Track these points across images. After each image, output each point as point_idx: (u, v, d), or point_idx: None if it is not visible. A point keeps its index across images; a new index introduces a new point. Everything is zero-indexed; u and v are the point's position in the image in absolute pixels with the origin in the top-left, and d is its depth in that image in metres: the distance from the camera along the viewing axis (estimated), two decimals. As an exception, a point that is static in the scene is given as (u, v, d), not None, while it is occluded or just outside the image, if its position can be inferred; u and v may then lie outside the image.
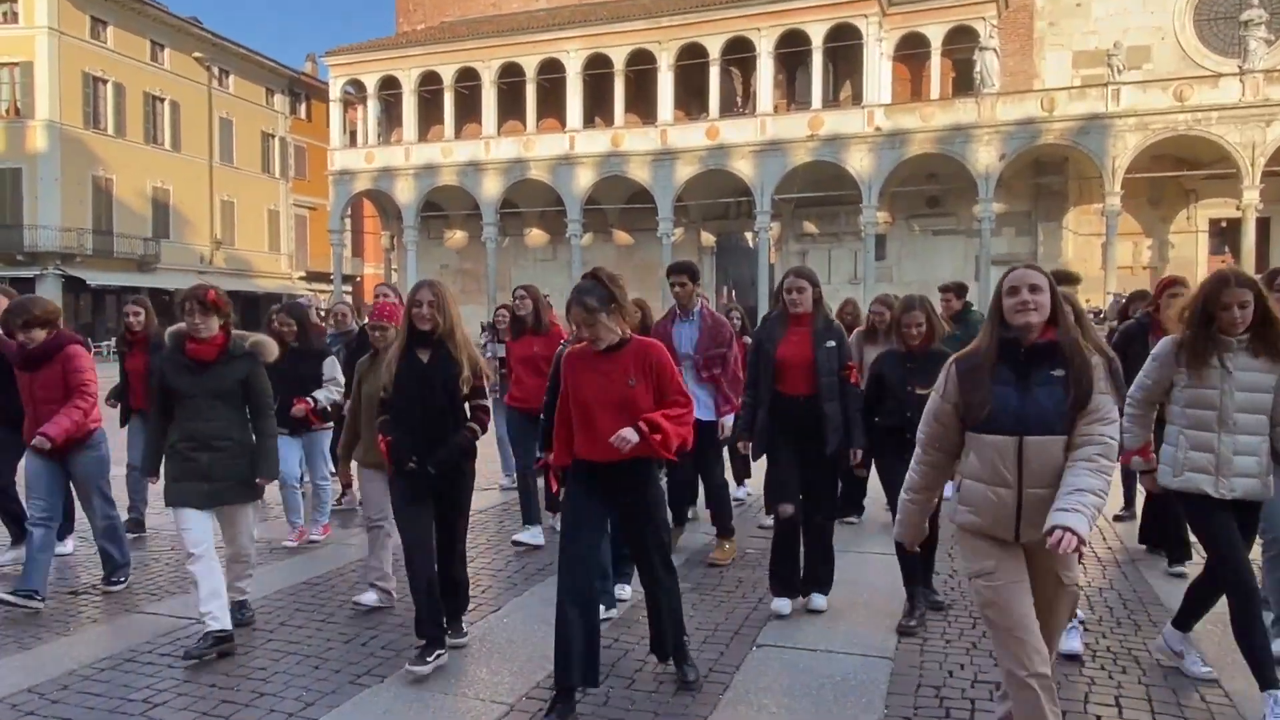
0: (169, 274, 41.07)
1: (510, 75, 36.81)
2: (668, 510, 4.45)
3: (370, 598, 5.14)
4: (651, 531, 3.95)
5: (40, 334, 5.20)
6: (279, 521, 7.16)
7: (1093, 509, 2.83)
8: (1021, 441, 2.97)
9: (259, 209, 47.37)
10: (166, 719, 3.74)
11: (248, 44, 47.07)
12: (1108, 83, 29.96)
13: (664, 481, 4.49)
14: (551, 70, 36.26)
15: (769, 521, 5.87)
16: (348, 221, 44.16)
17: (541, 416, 4.81)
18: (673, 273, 6.12)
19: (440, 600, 4.35)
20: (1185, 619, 4.10)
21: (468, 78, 37.44)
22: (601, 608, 4.46)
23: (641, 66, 35.19)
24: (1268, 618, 3.98)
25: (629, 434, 3.63)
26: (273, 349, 4.82)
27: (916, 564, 4.76)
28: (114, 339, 7.04)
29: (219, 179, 44.52)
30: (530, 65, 36.24)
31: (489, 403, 4.57)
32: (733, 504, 6.91)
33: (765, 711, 3.77)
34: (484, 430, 4.46)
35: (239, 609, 4.85)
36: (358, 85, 39.44)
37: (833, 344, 4.85)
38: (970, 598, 4.68)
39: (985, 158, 30.92)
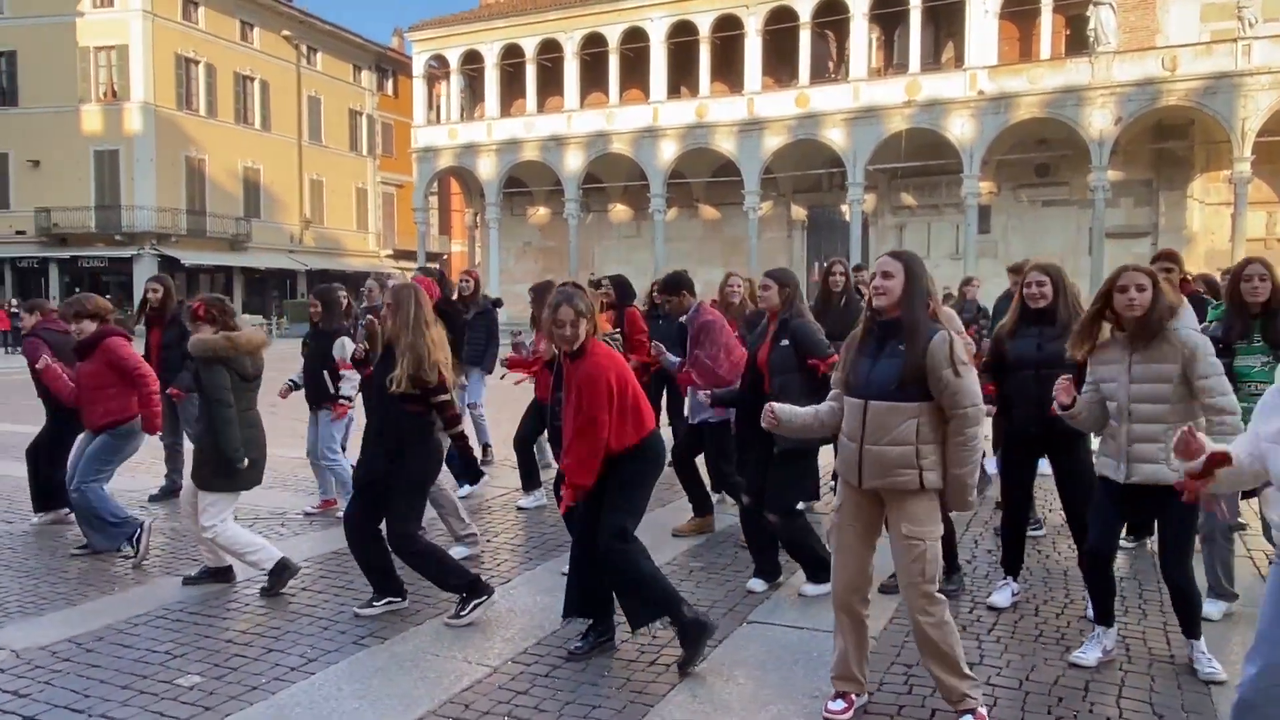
0: (260, 253, 41.72)
1: (593, 46, 35.80)
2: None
3: (461, 550, 5.67)
4: (611, 502, 4.11)
5: (90, 326, 5.88)
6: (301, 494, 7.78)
7: (979, 442, 3.46)
8: (866, 404, 3.43)
9: (347, 187, 47.70)
10: (183, 669, 4.07)
11: (335, 20, 47.18)
12: (1238, 38, 27.33)
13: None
14: (635, 40, 35.10)
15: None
16: (434, 199, 43.96)
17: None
18: (664, 289, 6.57)
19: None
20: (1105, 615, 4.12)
21: (550, 50, 36.55)
22: None
23: (728, 33, 33.71)
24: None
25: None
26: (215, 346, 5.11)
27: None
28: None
29: (308, 158, 44.90)
30: (613, 35, 35.14)
31: (447, 398, 4.68)
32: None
33: (734, 682, 3.93)
34: (454, 425, 4.72)
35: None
36: (441, 60, 38.97)
37: (786, 343, 4.90)
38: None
39: (1099, 122, 28.62)
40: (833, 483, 6.92)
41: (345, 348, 6.61)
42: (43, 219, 37.12)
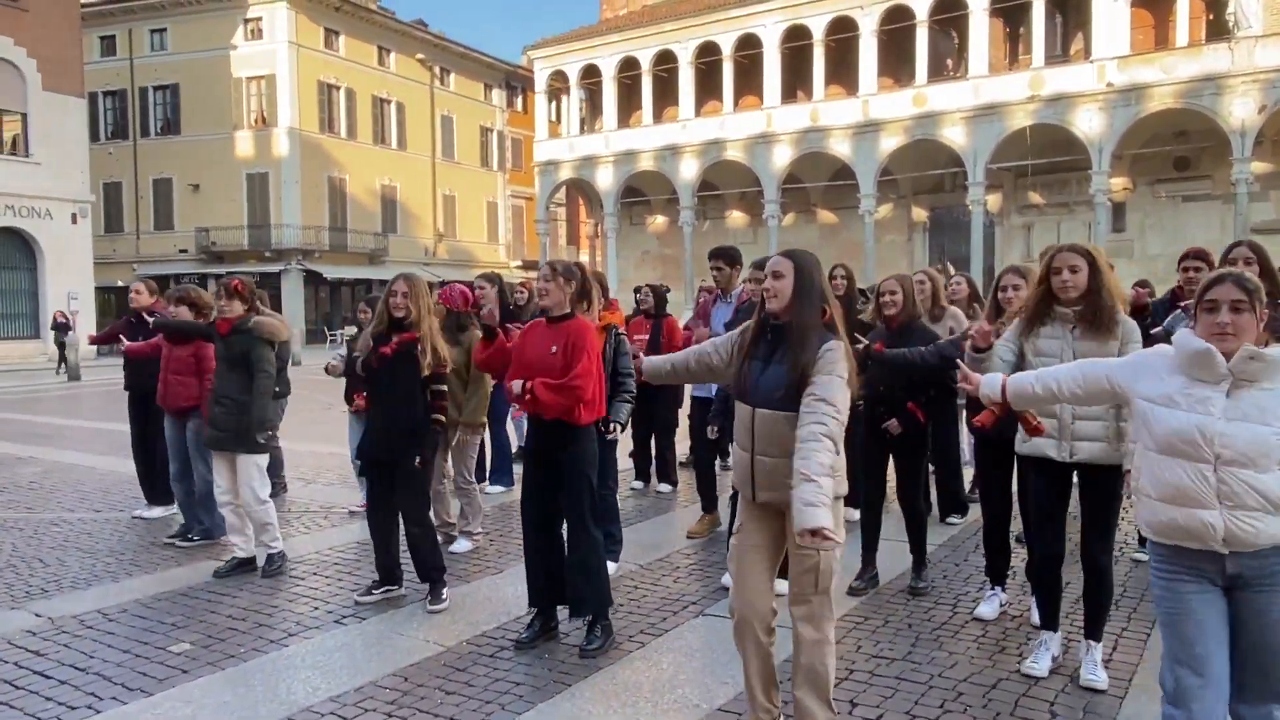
0: (397, 266, 43.77)
1: (707, 55, 36.10)
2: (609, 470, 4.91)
3: (464, 545, 6.15)
4: (573, 484, 4.36)
5: (185, 312, 6.45)
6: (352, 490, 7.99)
7: (830, 493, 2.95)
8: (754, 412, 3.25)
9: (478, 201, 49.54)
10: (182, 638, 4.61)
11: (467, 42, 49.16)
12: (1404, 12, 25.23)
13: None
14: (748, 46, 35.20)
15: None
16: (561, 210, 45.18)
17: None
18: (711, 257, 6.53)
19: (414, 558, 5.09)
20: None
21: (665, 61, 37.09)
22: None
23: (842, 35, 33.37)
24: None
25: (515, 385, 4.27)
26: (275, 330, 5.76)
27: (877, 533, 5.33)
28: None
29: (441, 174, 46.89)
30: (727, 43, 35.35)
31: (443, 388, 5.05)
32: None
33: (657, 667, 4.15)
34: (444, 414, 5.06)
35: (267, 561, 5.71)
36: (561, 76, 40.08)
37: None
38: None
39: (1240, 111, 26.89)
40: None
41: None
42: (202, 238, 40.20)
